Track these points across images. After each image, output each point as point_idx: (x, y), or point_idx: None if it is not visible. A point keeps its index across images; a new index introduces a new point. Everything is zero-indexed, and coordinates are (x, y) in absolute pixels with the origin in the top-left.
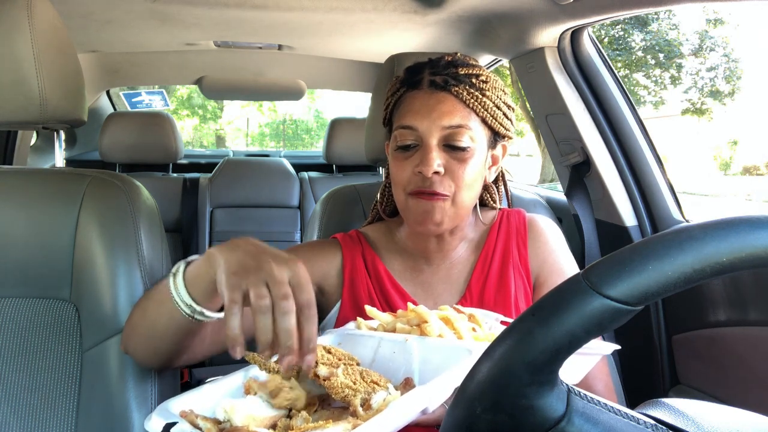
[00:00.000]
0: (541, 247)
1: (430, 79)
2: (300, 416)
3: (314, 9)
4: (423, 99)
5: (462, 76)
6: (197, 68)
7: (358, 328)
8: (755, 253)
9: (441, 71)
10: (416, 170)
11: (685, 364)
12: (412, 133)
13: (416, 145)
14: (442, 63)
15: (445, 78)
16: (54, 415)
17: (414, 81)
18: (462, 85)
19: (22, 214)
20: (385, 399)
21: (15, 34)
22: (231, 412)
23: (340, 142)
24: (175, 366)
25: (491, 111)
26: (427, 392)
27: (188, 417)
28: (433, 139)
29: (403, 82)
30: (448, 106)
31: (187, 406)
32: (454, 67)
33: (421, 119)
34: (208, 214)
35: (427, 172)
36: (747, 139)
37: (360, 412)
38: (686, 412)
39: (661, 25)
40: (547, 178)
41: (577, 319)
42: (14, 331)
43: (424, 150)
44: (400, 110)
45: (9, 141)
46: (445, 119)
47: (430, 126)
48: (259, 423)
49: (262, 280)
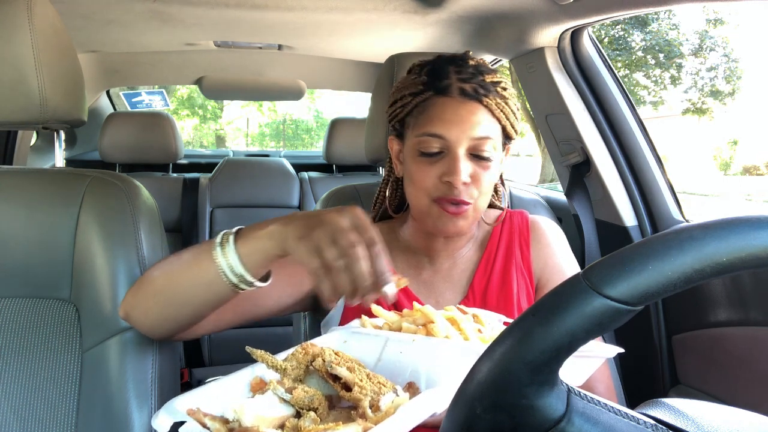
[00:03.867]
0: (544, 249)
1: (459, 86)
2: (308, 416)
3: (314, 9)
4: (453, 108)
5: (489, 85)
6: (197, 68)
7: (363, 327)
8: (755, 253)
9: (470, 79)
10: (444, 179)
11: (685, 364)
12: (440, 140)
13: (441, 152)
14: (469, 69)
15: (475, 87)
16: (54, 415)
17: (442, 86)
18: (491, 95)
19: (22, 214)
20: (393, 401)
21: (15, 34)
22: (240, 413)
23: (340, 142)
24: (180, 337)
25: (511, 119)
26: (437, 396)
27: (195, 415)
28: (461, 149)
29: (429, 86)
30: (478, 116)
31: (193, 404)
32: (481, 75)
33: (451, 128)
34: (208, 214)
35: (457, 182)
36: (747, 139)
37: (369, 413)
38: (686, 412)
39: (661, 25)
40: (547, 178)
41: (577, 319)
42: (14, 331)
43: (453, 159)
44: (426, 115)
45: (9, 141)
46: (475, 130)
47: (460, 136)
48: (268, 423)
49: (329, 235)
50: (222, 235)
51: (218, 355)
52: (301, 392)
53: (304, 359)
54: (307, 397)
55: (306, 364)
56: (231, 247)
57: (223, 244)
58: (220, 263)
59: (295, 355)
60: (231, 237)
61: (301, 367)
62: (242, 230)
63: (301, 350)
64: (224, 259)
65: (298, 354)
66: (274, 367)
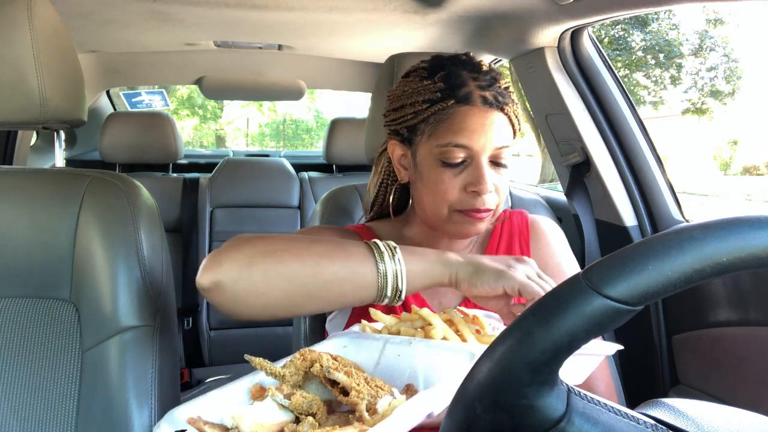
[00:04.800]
0: (544, 249)
1: (481, 95)
2: (307, 421)
3: (314, 9)
4: (478, 117)
5: (506, 92)
6: (197, 68)
7: (363, 331)
8: (755, 253)
9: (489, 86)
10: (470, 189)
11: (685, 364)
12: (464, 150)
13: (464, 161)
14: (486, 76)
15: (495, 95)
16: (54, 415)
17: (463, 95)
18: (510, 103)
19: (22, 214)
20: (390, 403)
21: (15, 34)
22: (238, 420)
23: (340, 142)
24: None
25: (521, 123)
26: (432, 396)
27: (196, 424)
28: (485, 158)
29: (448, 94)
30: (500, 126)
31: (194, 413)
32: (497, 81)
33: (477, 139)
34: (208, 214)
35: (484, 191)
36: (747, 139)
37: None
38: (686, 412)
39: (661, 25)
40: (547, 178)
41: (577, 319)
42: (14, 331)
43: (477, 169)
44: (448, 124)
45: (9, 141)
46: (498, 140)
47: (485, 146)
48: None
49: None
50: (390, 247)
51: (218, 355)
52: (299, 398)
53: (303, 365)
54: (306, 403)
55: (304, 370)
56: (402, 266)
57: (396, 260)
58: (387, 276)
59: (294, 362)
60: (399, 254)
61: (300, 373)
62: (404, 249)
63: (299, 356)
64: (394, 275)
65: (296, 360)
66: (272, 374)
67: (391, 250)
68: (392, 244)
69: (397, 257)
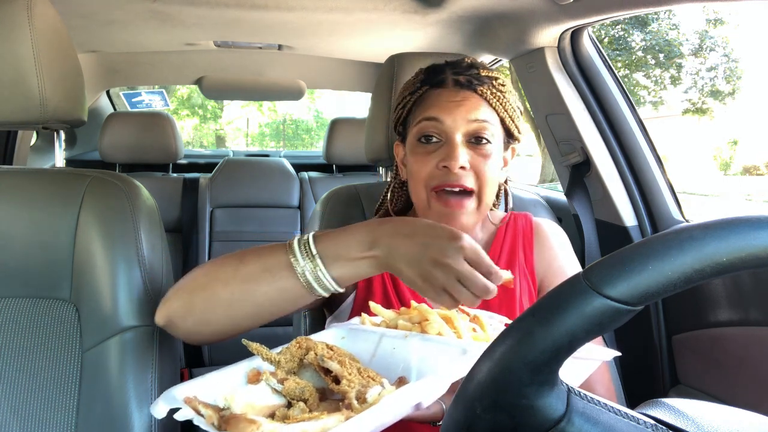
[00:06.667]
0: (547, 252)
1: (453, 78)
2: (298, 406)
3: (314, 9)
4: (448, 95)
5: (484, 78)
6: (197, 68)
7: (362, 324)
8: (755, 253)
9: (464, 72)
10: (441, 165)
11: (685, 364)
12: (437, 125)
13: (439, 141)
14: (464, 64)
15: (469, 78)
16: (54, 415)
17: (437, 80)
18: (485, 85)
19: (22, 214)
20: (380, 393)
21: (15, 34)
22: (230, 400)
23: (340, 142)
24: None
25: (510, 112)
26: (420, 388)
27: (191, 403)
28: (458, 135)
29: (425, 81)
30: (473, 102)
31: (191, 392)
32: (476, 69)
33: (448, 113)
34: (208, 214)
35: (453, 166)
36: (747, 139)
37: (355, 404)
38: (686, 412)
39: (661, 25)
40: (547, 178)
41: (577, 319)
42: (14, 331)
43: (450, 145)
44: (422, 106)
45: (9, 141)
46: (471, 113)
47: (456, 120)
48: (258, 411)
49: (452, 279)
50: (302, 238)
51: (218, 355)
52: (292, 383)
53: (298, 352)
54: (298, 389)
55: (299, 357)
56: (319, 260)
57: (312, 254)
58: (305, 271)
59: (290, 349)
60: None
61: (295, 360)
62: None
63: (295, 344)
64: (313, 267)
65: (292, 347)
66: (268, 359)
67: (305, 246)
68: (308, 236)
69: (312, 252)
